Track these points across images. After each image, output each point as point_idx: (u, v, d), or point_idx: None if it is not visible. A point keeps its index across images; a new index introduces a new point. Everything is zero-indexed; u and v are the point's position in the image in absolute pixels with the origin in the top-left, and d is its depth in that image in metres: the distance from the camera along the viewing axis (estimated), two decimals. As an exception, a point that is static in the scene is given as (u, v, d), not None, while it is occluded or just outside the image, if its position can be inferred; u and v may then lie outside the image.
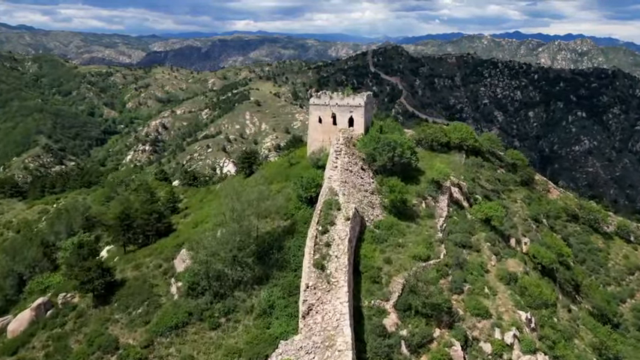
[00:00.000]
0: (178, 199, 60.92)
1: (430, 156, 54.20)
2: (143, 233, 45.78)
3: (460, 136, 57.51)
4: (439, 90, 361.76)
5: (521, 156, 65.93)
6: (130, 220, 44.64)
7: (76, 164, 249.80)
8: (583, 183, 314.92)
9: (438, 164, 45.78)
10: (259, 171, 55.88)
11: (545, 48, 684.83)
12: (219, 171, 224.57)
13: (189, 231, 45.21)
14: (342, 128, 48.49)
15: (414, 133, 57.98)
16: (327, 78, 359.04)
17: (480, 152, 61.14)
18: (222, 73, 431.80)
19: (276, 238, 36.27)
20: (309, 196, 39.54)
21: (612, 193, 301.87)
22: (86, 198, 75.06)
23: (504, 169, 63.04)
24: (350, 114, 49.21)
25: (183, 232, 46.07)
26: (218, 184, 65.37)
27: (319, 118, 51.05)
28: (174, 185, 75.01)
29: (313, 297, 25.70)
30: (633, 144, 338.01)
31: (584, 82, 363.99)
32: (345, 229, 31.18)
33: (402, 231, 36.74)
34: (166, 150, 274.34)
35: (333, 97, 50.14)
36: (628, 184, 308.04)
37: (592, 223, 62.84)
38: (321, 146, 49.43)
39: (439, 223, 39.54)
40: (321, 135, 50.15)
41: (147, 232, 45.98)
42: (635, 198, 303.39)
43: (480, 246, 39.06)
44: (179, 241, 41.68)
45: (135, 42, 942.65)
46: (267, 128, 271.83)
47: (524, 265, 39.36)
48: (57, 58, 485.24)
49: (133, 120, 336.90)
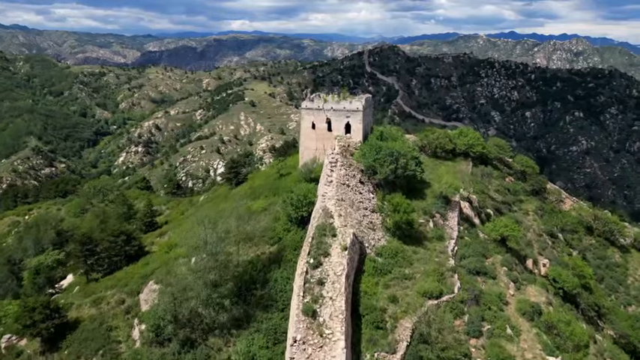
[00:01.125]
0: (157, 212, 55.39)
1: (434, 164, 49.29)
2: (109, 258, 40.17)
3: (467, 142, 52.70)
4: (436, 90, 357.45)
5: (532, 163, 61.07)
6: (93, 244, 39.07)
7: (67, 166, 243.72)
8: (581, 184, 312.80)
9: (447, 176, 40.65)
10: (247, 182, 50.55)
11: (540, 48, 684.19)
12: (212, 173, 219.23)
13: (161, 257, 39.64)
14: (338, 135, 43.68)
15: (416, 139, 52.99)
16: (322, 78, 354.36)
17: (488, 159, 56.28)
18: (217, 73, 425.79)
19: (260, 268, 30.97)
20: (301, 216, 34.34)
21: (610, 193, 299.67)
22: (61, 209, 69.42)
23: (513, 177, 58.22)
24: (347, 119, 44.39)
25: (155, 258, 40.66)
26: (202, 195, 60.00)
27: (312, 124, 46.15)
28: (156, 195, 69.40)
29: (302, 354, 20.57)
30: (631, 144, 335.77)
31: (580, 82, 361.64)
32: (341, 261, 26.00)
33: (408, 258, 31.61)
34: (159, 151, 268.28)
35: (327, 100, 45.06)
36: (626, 185, 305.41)
37: (608, 235, 58.11)
38: (315, 155, 44.27)
39: (450, 246, 34.49)
40: (315, 143, 45.14)
41: (113, 256, 40.31)
42: (634, 199, 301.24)
43: (496, 271, 34.11)
44: (148, 271, 36.24)
45: (130, 42, 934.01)
46: (262, 129, 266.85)
47: (547, 294, 34.39)
48: (49, 57, 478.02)
49: (126, 121, 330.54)
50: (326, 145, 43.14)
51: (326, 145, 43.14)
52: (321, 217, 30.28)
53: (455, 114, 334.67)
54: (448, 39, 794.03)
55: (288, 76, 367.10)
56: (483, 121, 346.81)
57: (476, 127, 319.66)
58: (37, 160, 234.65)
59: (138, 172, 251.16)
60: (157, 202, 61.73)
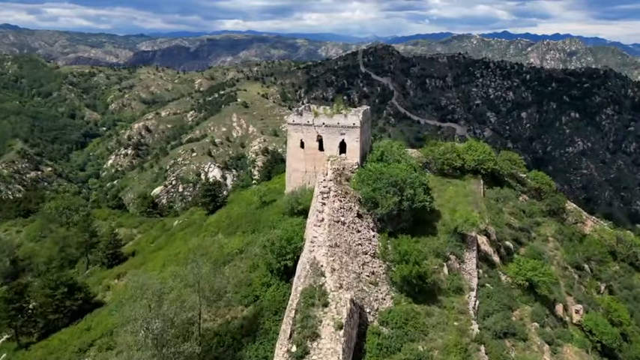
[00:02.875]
0: (121, 242, 48.11)
1: (441, 183, 43.18)
2: (45, 317, 32.58)
3: (477, 157, 46.47)
4: (431, 91, 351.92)
5: (548, 179, 54.95)
6: (24, 301, 31.74)
7: (53, 170, 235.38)
8: (578, 185, 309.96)
9: (460, 207, 34.20)
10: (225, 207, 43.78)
11: (534, 48, 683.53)
12: (203, 177, 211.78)
13: (106, 319, 32.02)
14: (332, 156, 37.46)
15: (420, 154, 46.55)
16: (316, 78, 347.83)
17: (500, 176, 49.95)
18: (210, 74, 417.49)
19: (228, 344, 24.20)
20: (284, 265, 27.75)
21: (607, 195, 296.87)
22: (21, 231, 62.08)
23: (527, 194, 51.95)
24: (341, 137, 37.89)
25: (100, 320, 32.98)
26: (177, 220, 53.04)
27: (301, 142, 39.64)
28: (128, 215, 62.13)
29: None
30: (627, 145, 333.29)
31: (576, 83, 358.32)
32: (335, 348, 19.49)
33: (421, 326, 25.16)
34: (150, 154, 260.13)
35: (319, 113, 38.39)
36: (622, 187, 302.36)
37: (632, 260, 52.12)
38: (303, 180, 37.64)
39: (470, 301, 28.17)
40: (304, 164, 38.91)
41: (48, 315, 32.41)
42: (631, 200, 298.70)
43: (527, 330, 28.05)
44: (86, 341, 28.82)
45: (122, 41, 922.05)
46: (254, 131, 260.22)
47: (587, 355, 28.08)
48: (38, 57, 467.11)
49: (116, 122, 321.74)
50: (317, 166, 36.97)
51: (317, 166, 36.97)
52: (308, 276, 23.71)
53: (450, 115, 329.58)
54: (442, 39, 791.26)
55: (281, 76, 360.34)
56: (479, 122, 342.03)
57: (471, 128, 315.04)
58: (23, 163, 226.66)
59: (127, 176, 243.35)
60: (129, 223, 54.66)
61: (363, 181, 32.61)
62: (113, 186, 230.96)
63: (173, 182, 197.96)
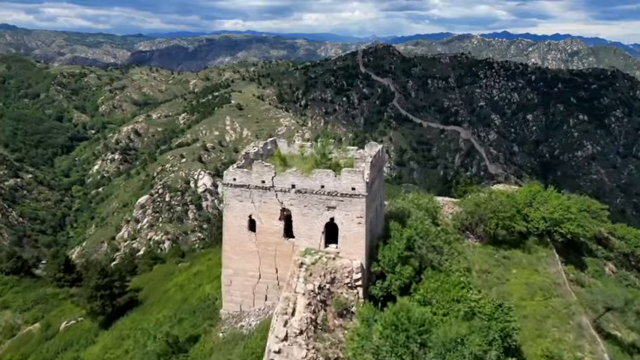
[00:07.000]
0: None
1: (495, 261, 29.32)
2: None
3: (549, 214, 31.43)
4: (433, 92, 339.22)
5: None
6: None
7: (34, 177, 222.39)
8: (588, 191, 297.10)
9: (552, 345, 19.47)
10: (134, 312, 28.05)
11: (535, 48, 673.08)
12: (193, 184, 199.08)
13: None
14: (308, 249, 20.77)
15: (458, 212, 32.51)
16: (314, 79, 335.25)
17: (581, 242, 35.37)
18: (205, 74, 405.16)
19: None
20: None
21: (619, 202, 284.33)
22: None
23: (614, 262, 38.10)
24: (328, 212, 20.70)
25: None
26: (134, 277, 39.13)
27: (249, 221, 22.51)
28: (15, 292, 44.48)
29: None
30: (638, 149, 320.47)
31: (583, 84, 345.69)
32: None
33: None
34: (138, 159, 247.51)
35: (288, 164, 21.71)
36: (634, 192, 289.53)
37: None
38: (253, 293, 20.86)
39: None
40: (256, 262, 21.76)
41: None
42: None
43: None
44: None
45: (120, 41, 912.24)
46: (249, 134, 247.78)
47: None
48: (27, 57, 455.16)
49: (106, 125, 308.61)
50: (281, 267, 20.67)
51: (281, 267, 20.67)
52: None
53: (453, 117, 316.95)
54: (442, 39, 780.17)
55: (278, 77, 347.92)
56: (483, 125, 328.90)
57: (475, 130, 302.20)
58: (2, 170, 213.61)
59: (113, 183, 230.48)
60: (17, 304, 33.41)
61: (393, 351, 15.14)
62: (98, 194, 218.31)
63: (160, 191, 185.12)
